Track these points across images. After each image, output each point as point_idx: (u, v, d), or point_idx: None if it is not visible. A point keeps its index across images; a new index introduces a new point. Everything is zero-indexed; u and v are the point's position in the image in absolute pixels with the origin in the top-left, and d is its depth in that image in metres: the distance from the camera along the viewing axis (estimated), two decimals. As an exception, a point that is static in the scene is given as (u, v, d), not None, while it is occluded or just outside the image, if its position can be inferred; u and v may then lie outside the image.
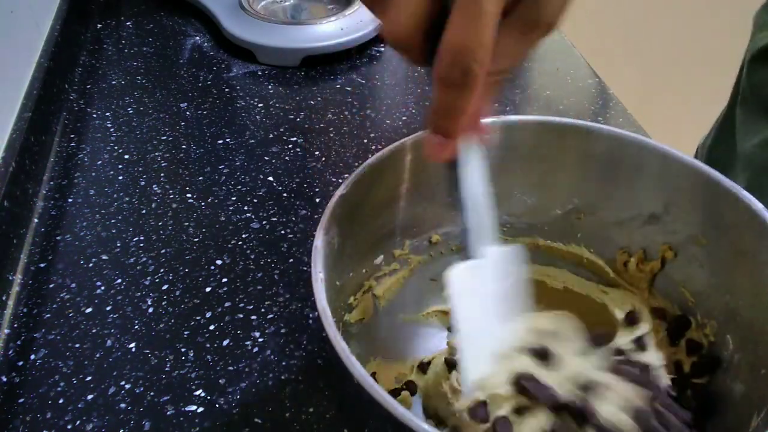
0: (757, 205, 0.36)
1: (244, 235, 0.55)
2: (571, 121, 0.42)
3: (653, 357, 0.38)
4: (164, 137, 0.66)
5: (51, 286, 0.50)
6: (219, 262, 0.53)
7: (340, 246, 0.37)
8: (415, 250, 0.44)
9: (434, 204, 0.43)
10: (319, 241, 0.34)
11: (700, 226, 0.39)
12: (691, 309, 0.41)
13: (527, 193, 0.45)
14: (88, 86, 0.73)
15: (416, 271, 0.45)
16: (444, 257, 0.46)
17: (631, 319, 0.41)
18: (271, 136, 0.67)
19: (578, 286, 0.46)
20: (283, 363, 0.46)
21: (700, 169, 0.38)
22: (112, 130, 0.67)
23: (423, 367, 0.43)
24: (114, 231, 0.55)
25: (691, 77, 1.48)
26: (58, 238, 0.54)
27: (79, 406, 0.42)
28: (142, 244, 0.54)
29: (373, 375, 0.41)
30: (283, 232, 0.56)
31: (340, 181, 0.62)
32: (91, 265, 0.52)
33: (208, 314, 0.49)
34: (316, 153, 0.65)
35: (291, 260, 0.53)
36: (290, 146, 0.65)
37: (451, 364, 0.42)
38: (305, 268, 0.52)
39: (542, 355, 0.36)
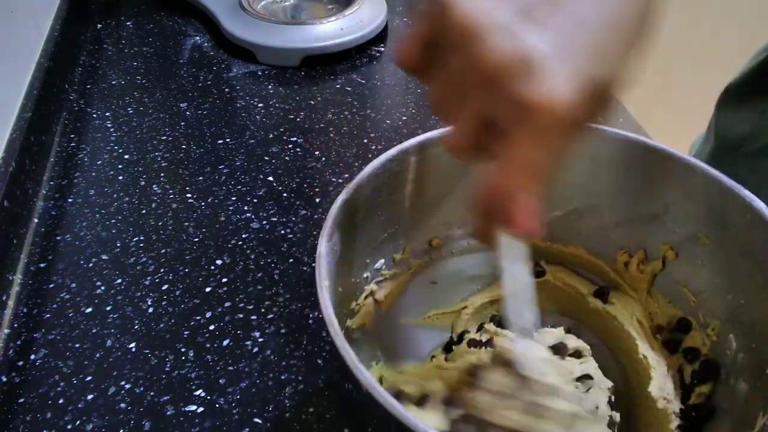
0: (759, 203, 0.36)
1: (244, 235, 0.55)
2: None
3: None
4: (164, 137, 0.66)
5: (51, 286, 0.50)
6: (219, 262, 0.53)
7: (342, 252, 0.36)
8: (415, 254, 0.44)
9: (435, 207, 0.43)
10: (322, 249, 0.34)
11: (701, 226, 0.39)
12: (693, 309, 0.40)
13: None
14: (88, 86, 0.73)
15: (417, 275, 0.45)
16: (444, 260, 0.46)
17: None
18: (271, 136, 0.67)
19: (579, 288, 0.46)
20: (283, 363, 0.46)
21: (702, 168, 0.38)
22: (112, 130, 0.67)
23: None
24: (114, 231, 0.55)
25: (692, 77, 1.48)
26: (58, 238, 0.54)
27: (79, 406, 0.42)
28: (142, 244, 0.54)
29: (380, 380, 0.41)
30: (283, 232, 0.56)
31: (340, 181, 0.62)
32: (91, 265, 0.52)
33: (208, 314, 0.49)
34: (316, 153, 0.65)
35: (291, 260, 0.53)
36: (290, 146, 0.65)
37: None
38: (305, 268, 0.52)
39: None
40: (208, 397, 0.43)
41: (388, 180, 0.40)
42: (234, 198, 0.59)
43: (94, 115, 0.69)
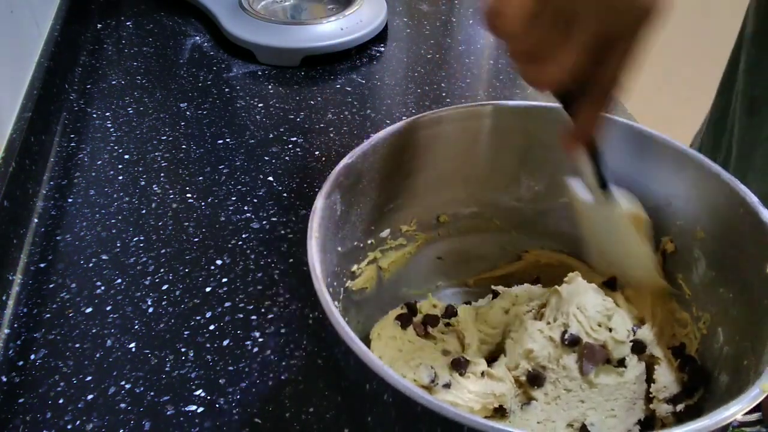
0: (752, 197, 0.36)
1: (244, 235, 0.55)
2: None
3: None
4: (164, 137, 0.66)
5: (51, 286, 0.50)
6: (219, 262, 0.53)
7: (344, 213, 0.37)
8: (422, 228, 0.45)
9: (445, 184, 0.43)
10: (318, 204, 0.35)
11: (698, 219, 0.40)
12: (688, 302, 0.41)
13: (535, 180, 0.45)
14: (88, 86, 0.73)
15: (423, 248, 0.45)
16: (451, 237, 0.46)
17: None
18: (271, 136, 0.67)
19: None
20: (283, 363, 0.46)
21: (700, 161, 0.39)
22: (112, 130, 0.67)
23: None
24: (114, 231, 0.55)
25: (692, 77, 1.48)
26: (58, 238, 0.54)
27: (79, 406, 0.42)
28: (142, 244, 0.54)
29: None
30: (283, 232, 0.56)
31: (340, 181, 0.62)
32: (91, 265, 0.52)
33: (208, 314, 0.49)
34: (316, 153, 0.65)
35: (291, 260, 0.53)
36: (290, 146, 0.65)
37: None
38: (305, 268, 0.52)
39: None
40: (208, 397, 0.43)
41: (396, 150, 0.40)
42: (234, 198, 0.59)
43: (94, 115, 0.69)
